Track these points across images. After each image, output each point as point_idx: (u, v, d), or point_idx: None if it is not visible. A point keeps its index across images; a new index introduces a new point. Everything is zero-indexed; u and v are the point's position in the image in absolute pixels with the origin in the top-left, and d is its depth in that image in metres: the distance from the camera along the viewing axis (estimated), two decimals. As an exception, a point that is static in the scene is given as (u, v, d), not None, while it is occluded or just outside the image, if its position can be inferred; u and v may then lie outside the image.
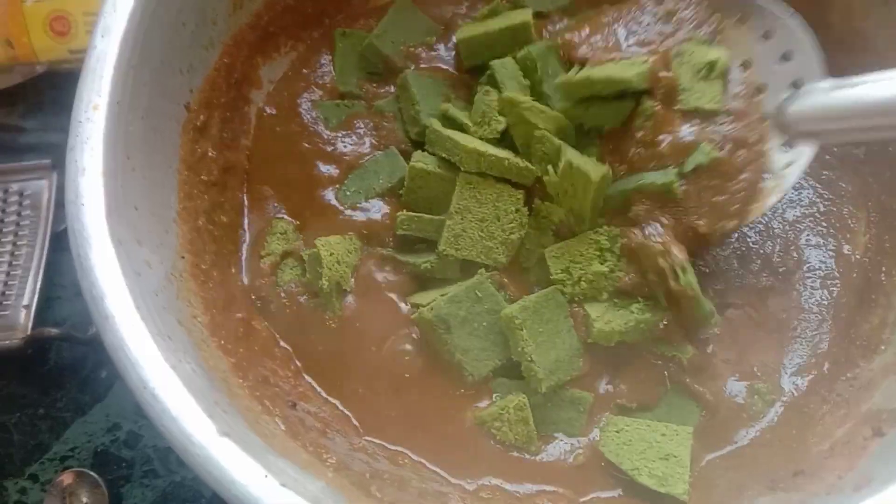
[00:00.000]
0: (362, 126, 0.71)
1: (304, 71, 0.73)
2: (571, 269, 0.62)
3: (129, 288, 0.46)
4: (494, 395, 0.61)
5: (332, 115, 0.71)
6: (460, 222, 0.63)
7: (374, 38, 0.72)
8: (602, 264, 0.62)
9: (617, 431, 0.59)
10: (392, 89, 0.72)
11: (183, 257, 0.56)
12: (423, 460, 0.58)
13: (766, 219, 0.68)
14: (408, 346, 0.63)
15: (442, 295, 0.61)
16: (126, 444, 0.77)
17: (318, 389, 0.60)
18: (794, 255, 0.67)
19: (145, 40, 0.55)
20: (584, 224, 0.63)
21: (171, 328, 0.49)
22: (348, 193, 0.68)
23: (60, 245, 0.80)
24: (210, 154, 0.62)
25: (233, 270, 0.62)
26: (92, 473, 0.74)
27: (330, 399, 0.60)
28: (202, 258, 0.58)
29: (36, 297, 0.79)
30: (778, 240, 0.68)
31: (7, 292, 0.78)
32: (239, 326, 0.58)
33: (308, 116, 0.71)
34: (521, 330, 0.59)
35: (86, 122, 0.50)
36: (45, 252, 0.80)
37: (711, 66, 0.61)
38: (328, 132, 0.70)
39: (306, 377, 0.61)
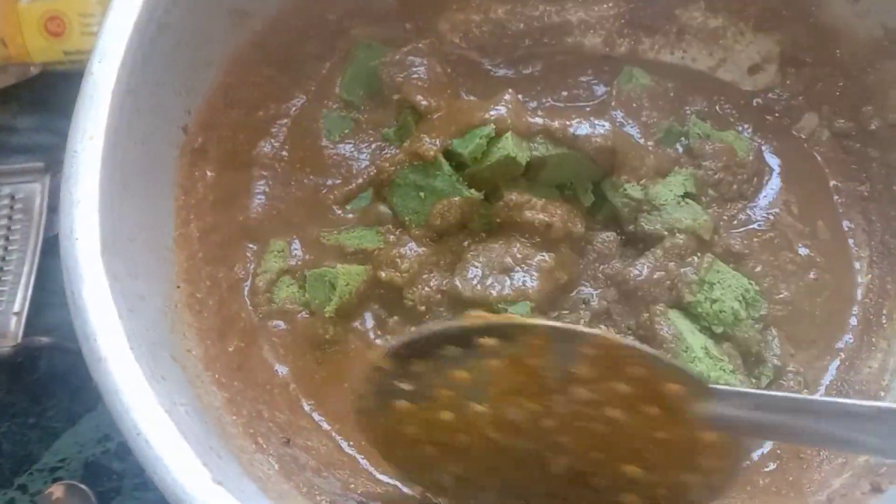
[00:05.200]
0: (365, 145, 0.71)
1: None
2: (716, 286, 0.62)
3: (123, 327, 0.45)
4: None
5: (335, 128, 0.71)
6: None
7: (381, 63, 0.71)
8: (740, 306, 0.61)
9: None
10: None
11: (178, 287, 0.55)
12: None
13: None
14: None
15: None
16: (117, 455, 0.76)
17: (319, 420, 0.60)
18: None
19: (144, 64, 0.53)
20: None
21: (166, 367, 0.48)
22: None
23: (52, 250, 0.79)
24: (209, 176, 0.61)
25: (227, 296, 0.60)
26: (82, 486, 0.74)
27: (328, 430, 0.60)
28: (198, 286, 0.57)
29: (27, 304, 0.77)
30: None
31: (-2, 299, 0.77)
32: (234, 357, 0.57)
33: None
34: None
35: (81, 151, 0.48)
36: (37, 257, 0.79)
37: None
38: (328, 143, 0.70)
39: (304, 405, 0.61)
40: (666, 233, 0.64)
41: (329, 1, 0.71)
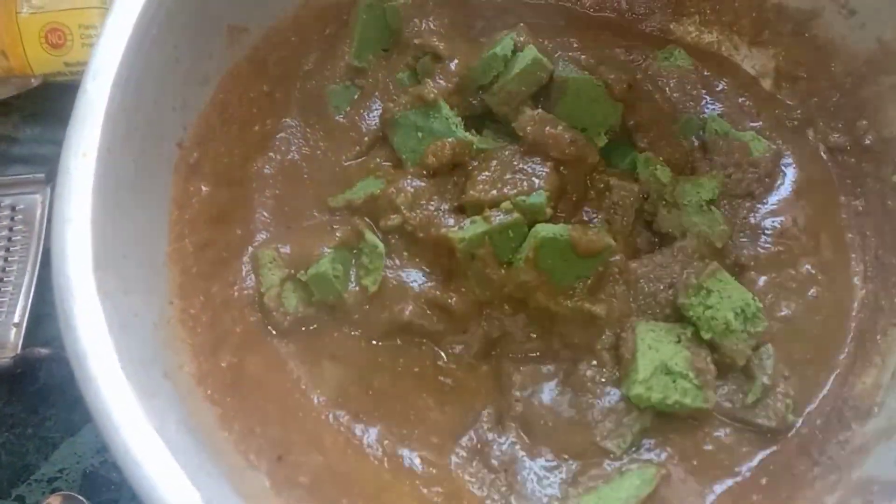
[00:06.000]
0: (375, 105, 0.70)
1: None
2: (714, 294, 0.62)
3: (115, 345, 0.46)
4: None
5: (343, 101, 0.71)
6: None
7: (400, 5, 0.70)
8: (736, 319, 0.61)
9: None
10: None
11: (172, 303, 0.55)
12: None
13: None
14: None
15: None
16: (115, 466, 0.75)
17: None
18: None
19: (139, 81, 0.53)
20: None
21: (157, 384, 0.48)
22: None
23: (52, 262, 0.79)
24: (204, 191, 0.61)
25: (221, 311, 0.61)
26: (80, 497, 0.74)
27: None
28: (191, 302, 0.57)
29: (27, 314, 0.78)
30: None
31: (-3, 309, 0.78)
32: (227, 373, 0.57)
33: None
34: None
35: (74, 169, 0.49)
36: (37, 269, 0.80)
37: None
38: (339, 118, 0.70)
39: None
40: (678, 235, 0.65)
41: (326, 16, 0.71)
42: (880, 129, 0.67)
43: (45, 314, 0.79)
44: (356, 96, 0.71)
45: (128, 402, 0.44)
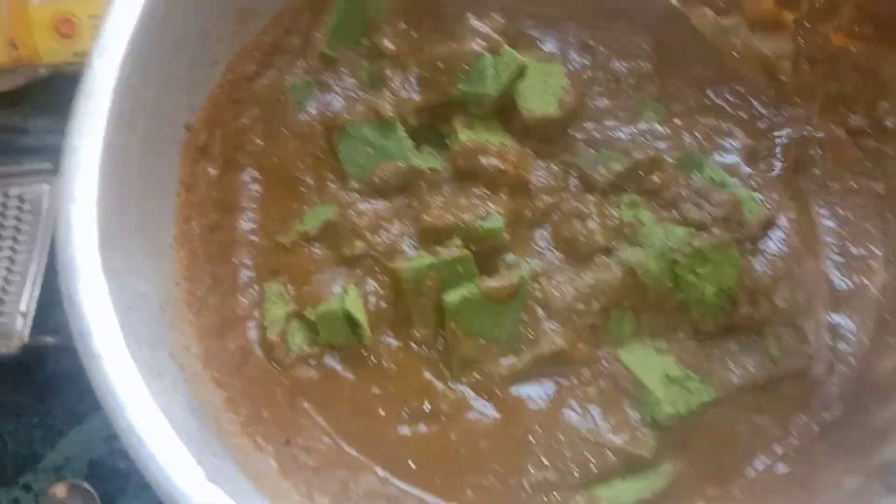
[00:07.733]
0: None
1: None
2: (706, 265, 0.60)
3: (120, 324, 0.45)
4: None
5: (303, 96, 0.66)
6: None
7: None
8: (716, 297, 0.60)
9: None
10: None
11: (178, 284, 0.55)
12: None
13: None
14: None
15: None
16: (122, 454, 0.75)
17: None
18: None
19: (146, 60, 0.53)
20: None
21: (163, 364, 0.48)
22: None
23: (60, 251, 0.79)
24: (212, 174, 0.61)
25: (229, 295, 0.60)
26: (86, 485, 0.73)
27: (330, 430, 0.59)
28: (198, 284, 0.56)
29: (34, 303, 0.78)
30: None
31: (4, 299, 0.77)
32: (235, 356, 0.56)
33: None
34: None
35: (80, 148, 0.48)
36: (45, 258, 0.80)
37: None
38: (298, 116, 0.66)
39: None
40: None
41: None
42: (901, 110, 0.66)
43: (52, 303, 0.79)
44: (315, 90, 0.67)
45: (132, 380, 0.44)
